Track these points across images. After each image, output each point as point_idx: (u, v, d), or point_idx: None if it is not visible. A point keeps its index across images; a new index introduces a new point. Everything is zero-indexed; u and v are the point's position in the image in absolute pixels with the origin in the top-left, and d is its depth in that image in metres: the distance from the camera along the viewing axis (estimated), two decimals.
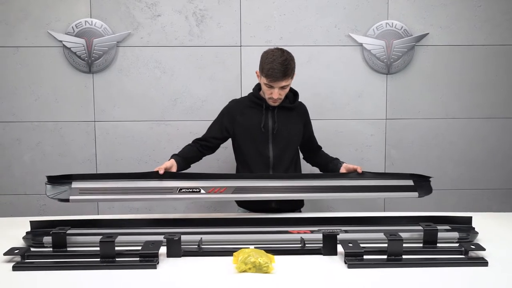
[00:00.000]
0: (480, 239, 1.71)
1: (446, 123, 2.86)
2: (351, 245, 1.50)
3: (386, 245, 1.48)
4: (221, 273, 1.40)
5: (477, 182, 2.91)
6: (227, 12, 2.75)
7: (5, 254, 1.49)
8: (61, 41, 2.71)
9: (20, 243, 1.66)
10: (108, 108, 2.79)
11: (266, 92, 2.07)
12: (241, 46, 2.77)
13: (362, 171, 2.03)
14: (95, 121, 2.80)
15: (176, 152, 2.16)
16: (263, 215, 2.01)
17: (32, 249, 1.59)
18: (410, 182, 1.99)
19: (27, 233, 1.70)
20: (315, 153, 2.35)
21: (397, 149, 2.88)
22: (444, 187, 2.90)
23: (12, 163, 2.81)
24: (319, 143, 2.79)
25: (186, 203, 2.88)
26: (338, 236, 1.57)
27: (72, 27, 2.71)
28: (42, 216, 2.48)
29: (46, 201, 2.84)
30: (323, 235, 1.54)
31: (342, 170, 2.11)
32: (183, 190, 1.86)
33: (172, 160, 2.03)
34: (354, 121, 2.85)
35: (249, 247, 1.53)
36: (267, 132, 2.13)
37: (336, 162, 2.20)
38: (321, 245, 1.55)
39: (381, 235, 1.56)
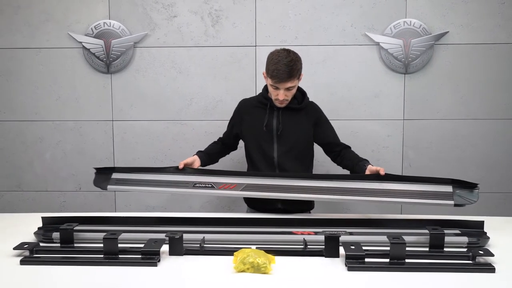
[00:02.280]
0: (492, 245, 1.64)
1: (467, 124, 2.77)
2: (353, 247, 1.48)
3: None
4: (220, 272, 1.41)
5: (499, 185, 2.80)
6: (242, 12, 2.76)
7: (14, 248, 1.55)
8: (80, 42, 2.79)
9: (32, 238, 1.72)
10: (125, 107, 2.85)
11: (272, 93, 2.06)
12: (256, 46, 2.77)
13: (385, 173, 1.89)
14: (113, 121, 2.86)
15: (202, 149, 2.29)
16: (268, 215, 2.00)
17: (41, 244, 1.64)
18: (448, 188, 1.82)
19: (38, 228, 1.76)
20: (339, 154, 2.18)
21: (415, 151, 2.81)
22: None
23: (34, 160, 2.91)
24: None
25: (201, 202, 2.90)
26: (341, 238, 1.55)
27: (91, 29, 2.78)
28: (62, 213, 2.58)
29: (66, 197, 2.93)
30: (325, 237, 1.53)
31: (367, 173, 1.96)
32: (197, 185, 2.00)
33: (195, 156, 2.17)
34: (371, 121, 2.80)
35: (251, 247, 1.53)
36: (271, 132, 2.12)
37: (362, 164, 2.02)
38: (323, 247, 1.53)
39: (386, 238, 1.53)
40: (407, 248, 1.54)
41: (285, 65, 1.94)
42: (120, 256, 1.50)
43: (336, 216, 1.99)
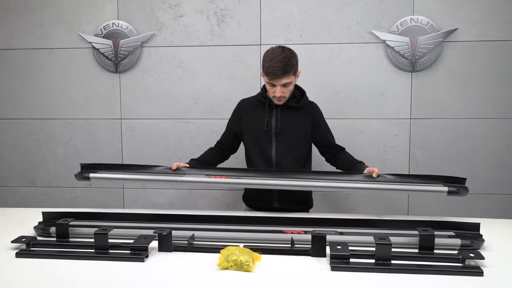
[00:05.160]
0: (487, 248, 1.61)
1: (476, 123, 2.70)
2: (339, 247, 1.47)
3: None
4: (204, 269, 1.42)
5: (510, 186, 2.72)
6: (247, 11, 2.77)
7: (12, 241, 1.61)
8: (90, 43, 2.86)
9: (33, 232, 1.78)
10: (133, 106, 2.91)
11: (269, 91, 2.07)
12: (261, 44, 2.77)
13: (379, 175, 1.91)
14: (121, 119, 2.92)
15: (198, 154, 2.26)
16: (262, 213, 2.01)
17: (39, 238, 1.70)
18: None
19: (39, 223, 1.82)
20: (334, 155, 2.20)
21: (423, 150, 2.76)
22: (474, 191, 2.72)
23: (46, 157, 3.00)
24: (340, 143, 2.74)
25: (207, 199, 2.93)
26: (328, 238, 1.55)
27: (101, 29, 2.85)
28: (73, 208, 2.63)
29: (77, 193, 3.02)
30: (312, 236, 1.52)
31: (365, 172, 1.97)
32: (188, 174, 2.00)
33: (187, 165, 2.08)
34: (377, 120, 2.76)
35: (239, 245, 1.55)
36: (270, 131, 2.11)
37: (359, 166, 2.04)
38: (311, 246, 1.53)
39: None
40: (396, 250, 1.53)
41: (279, 61, 1.94)
42: (110, 251, 1.54)
43: (328, 215, 1.96)
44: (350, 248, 1.47)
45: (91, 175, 1.99)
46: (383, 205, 2.80)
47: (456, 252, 1.53)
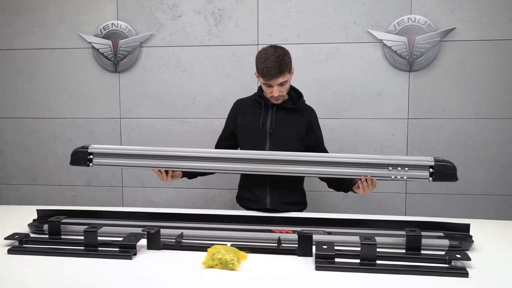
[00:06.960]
0: (476, 249, 1.60)
1: (475, 124, 2.68)
2: (325, 247, 1.47)
3: None
4: (189, 268, 1.44)
5: (510, 187, 2.70)
6: (245, 11, 2.78)
7: (5, 238, 1.64)
8: (90, 43, 2.90)
9: (27, 229, 1.81)
10: (132, 106, 2.94)
11: (266, 91, 2.07)
12: (258, 44, 2.78)
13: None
14: (120, 118, 2.95)
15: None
16: (252, 213, 2.02)
17: (32, 235, 1.73)
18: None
19: (33, 220, 1.85)
20: None
21: (420, 151, 2.74)
22: (472, 192, 2.73)
23: (48, 156, 3.04)
24: (337, 143, 2.76)
25: (204, 199, 2.95)
26: (315, 237, 1.56)
27: (100, 29, 2.88)
28: (73, 206, 2.68)
29: (77, 192, 3.06)
30: (298, 236, 1.53)
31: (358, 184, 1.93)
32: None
33: (180, 173, 2.09)
34: (374, 120, 2.76)
35: (226, 244, 1.56)
36: (265, 131, 2.11)
37: (350, 179, 2.00)
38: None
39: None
40: (383, 250, 1.54)
41: (273, 61, 1.94)
42: (99, 248, 1.56)
43: (318, 215, 1.94)
44: (336, 248, 1.48)
45: (91, 148, 1.95)
46: (381, 206, 2.79)
47: (442, 252, 1.53)
